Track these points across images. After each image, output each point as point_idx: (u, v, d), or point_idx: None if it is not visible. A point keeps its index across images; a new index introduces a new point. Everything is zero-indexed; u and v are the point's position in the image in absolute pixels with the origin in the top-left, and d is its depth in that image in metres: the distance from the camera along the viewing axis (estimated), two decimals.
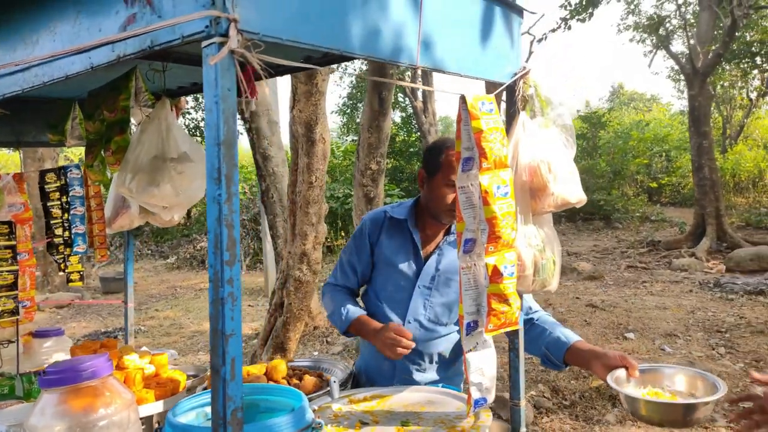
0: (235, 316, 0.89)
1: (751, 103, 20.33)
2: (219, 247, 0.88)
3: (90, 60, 1.07)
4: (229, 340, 0.88)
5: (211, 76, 0.88)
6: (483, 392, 1.52)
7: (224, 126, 0.88)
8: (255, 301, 9.46)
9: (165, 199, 1.83)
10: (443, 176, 1.94)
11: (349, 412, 1.69)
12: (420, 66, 1.31)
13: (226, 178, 0.88)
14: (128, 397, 1.40)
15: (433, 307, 2.04)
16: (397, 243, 2.06)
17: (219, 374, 0.88)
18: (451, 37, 1.44)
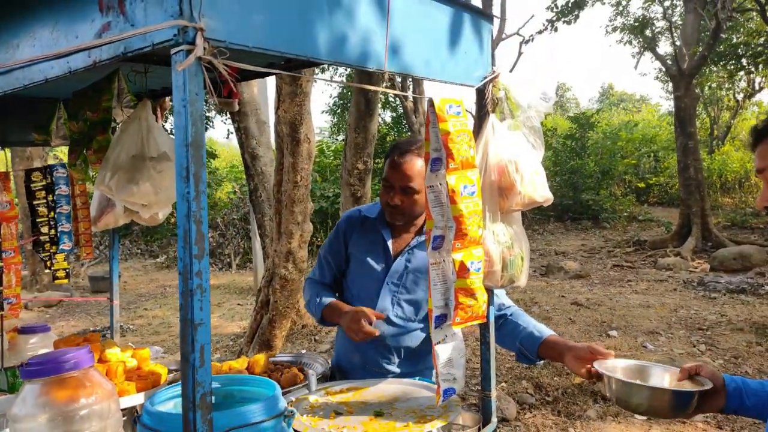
0: (203, 306, 0.95)
1: (738, 105, 20.57)
2: (188, 242, 0.94)
3: (68, 65, 1.12)
4: (198, 328, 0.94)
5: (179, 81, 0.93)
6: (451, 383, 1.58)
7: (192, 128, 0.94)
8: (244, 300, 9.49)
9: (144, 197, 1.88)
10: (384, 177, 2.07)
11: (325, 403, 1.75)
12: (388, 71, 1.37)
13: (194, 176, 0.94)
14: (109, 387, 1.45)
15: (400, 304, 2.09)
16: (368, 241, 2.14)
17: (188, 361, 0.94)
18: (419, 42, 1.50)
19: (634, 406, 1.53)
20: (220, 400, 1.49)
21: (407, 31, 1.44)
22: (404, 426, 1.53)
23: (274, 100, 3.72)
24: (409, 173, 1.99)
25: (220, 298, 9.71)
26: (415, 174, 1.99)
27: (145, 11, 0.98)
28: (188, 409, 0.95)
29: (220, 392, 1.50)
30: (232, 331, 7.61)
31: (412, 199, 2.03)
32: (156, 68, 2.08)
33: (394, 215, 2.06)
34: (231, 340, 7.18)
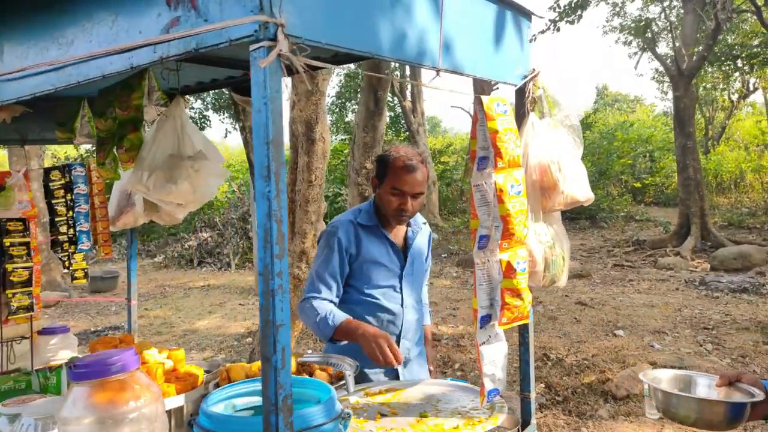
0: (284, 307, 0.93)
1: (733, 105, 20.72)
2: (269, 241, 0.92)
3: (130, 60, 1.10)
4: (279, 330, 0.92)
5: (260, 78, 0.92)
6: (496, 383, 1.57)
7: (272, 126, 0.92)
8: (246, 300, 9.45)
9: (182, 196, 1.86)
10: (388, 185, 2.14)
11: (367, 405, 1.73)
12: (441, 68, 1.36)
13: (275, 175, 0.92)
14: (156, 390, 1.43)
15: (415, 290, 2.35)
16: (376, 244, 2.24)
17: (270, 363, 0.93)
18: (467, 40, 1.49)
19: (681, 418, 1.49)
20: None
21: (458, 28, 1.43)
22: (454, 428, 1.52)
23: (290, 99, 3.69)
24: (421, 180, 2.14)
25: (222, 298, 9.67)
26: (424, 181, 2.18)
27: (220, 6, 0.96)
28: (270, 411, 0.94)
29: None
30: (236, 331, 7.58)
31: (419, 202, 2.20)
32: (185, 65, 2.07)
33: (404, 218, 2.21)
34: (235, 340, 7.14)
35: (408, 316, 2.28)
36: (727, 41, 14.48)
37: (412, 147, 2.27)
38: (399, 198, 2.12)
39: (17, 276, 1.87)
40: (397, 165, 2.11)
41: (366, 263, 2.22)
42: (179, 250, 13.70)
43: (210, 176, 1.96)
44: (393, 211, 2.16)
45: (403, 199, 2.12)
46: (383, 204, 2.19)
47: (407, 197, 2.12)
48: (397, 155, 2.14)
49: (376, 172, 2.24)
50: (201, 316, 8.56)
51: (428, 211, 14.61)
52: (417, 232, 2.35)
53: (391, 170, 2.14)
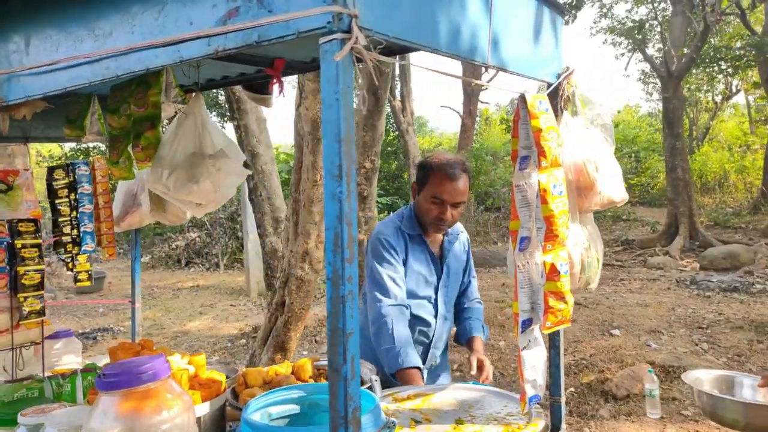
0: (354, 314, 0.88)
1: (716, 107, 21.02)
2: (339, 245, 0.87)
3: (179, 53, 1.04)
4: (349, 338, 0.87)
5: (331, 73, 0.87)
6: (537, 389, 1.53)
7: (344, 123, 0.87)
8: (237, 301, 9.34)
9: (203, 196, 1.79)
10: (428, 193, 2.11)
11: (398, 411, 1.69)
12: (490, 65, 1.32)
13: (346, 175, 0.87)
14: (187, 399, 1.37)
15: (450, 301, 2.34)
16: (417, 253, 2.23)
17: (339, 373, 0.87)
18: (511, 36, 1.45)
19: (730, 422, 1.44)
20: (306, 410, 1.42)
21: (504, 25, 1.39)
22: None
23: (296, 97, 3.63)
24: (463, 190, 2.10)
25: (212, 299, 9.54)
26: (465, 190, 2.13)
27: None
28: (338, 424, 0.88)
29: (305, 401, 1.43)
30: (229, 332, 7.48)
31: (460, 212, 2.16)
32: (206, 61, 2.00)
33: (443, 228, 2.17)
34: (229, 342, 7.05)
35: (440, 327, 2.28)
36: (712, 43, 14.66)
37: (455, 154, 2.22)
38: (439, 207, 2.08)
39: (29, 279, 1.79)
40: (439, 172, 2.06)
41: (409, 272, 2.19)
42: (166, 250, 13.52)
43: (230, 175, 1.90)
44: (432, 219, 2.12)
45: (443, 208, 2.08)
46: (422, 212, 2.14)
47: (447, 206, 2.07)
48: (439, 162, 2.08)
49: (417, 177, 2.18)
50: (192, 317, 8.44)
51: None
52: (453, 242, 2.30)
53: (432, 178, 2.08)
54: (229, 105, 6.34)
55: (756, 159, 17.98)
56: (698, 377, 1.57)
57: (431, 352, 2.28)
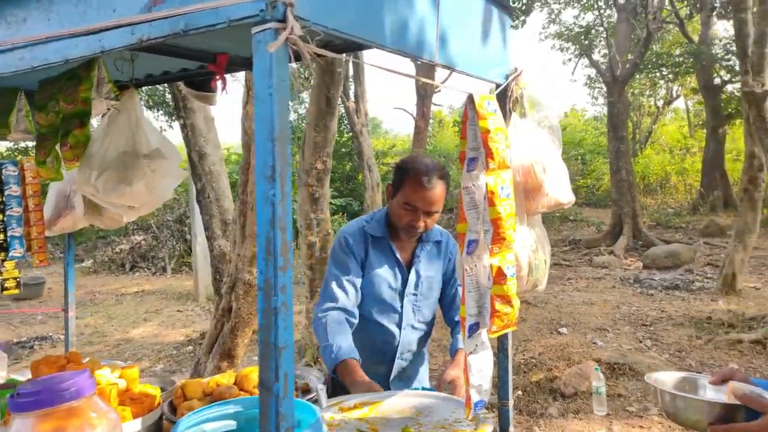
0: (288, 326, 0.82)
1: (658, 111, 21.89)
2: (272, 252, 0.80)
3: (101, 43, 0.95)
4: (282, 353, 0.81)
5: (264, 65, 0.80)
6: (482, 394, 1.51)
7: (279, 120, 0.81)
8: (184, 306, 9.06)
9: (136, 198, 1.69)
10: (401, 198, 2.03)
11: (343, 421, 1.63)
12: (438, 63, 1.28)
13: (280, 176, 0.81)
14: (114, 417, 1.27)
15: (421, 310, 2.21)
16: (380, 257, 2.14)
17: (271, 391, 0.81)
18: (459, 35, 1.42)
19: (693, 422, 1.37)
20: (243, 425, 1.34)
21: (451, 22, 1.36)
22: None
23: (243, 96, 3.51)
24: (438, 198, 2.02)
25: (158, 305, 9.22)
26: (440, 198, 2.03)
27: None
28: None
29: (242, 416, 1.35)
30: (175, 339, 7.23)
31: (434, 219, 2.09)
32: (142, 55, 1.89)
33: (414, 235, 2.09)
34: (174, 349, 6.81)
35: (407, 336, 2.18)
36: (654, 50, 15.25)
37: (434, 159, 2.11)
38: (411, 214, 2.00)
39: None
40: (414, 178, 1.97)
41: (371, 277, 2.11)
42: (110, 254, 13.00)
43: (166, 176, 1.80)
44: (404, 225, 2.04)
45: (416, 215, 2.00)
46: (394, 216, 2.07)
47: (420, 213, 2.00)
48: (416, 167, 1.99)
49: (393, 180, 2.09)
50: (136, 323, 8.13)
51: None
52: (429, 249, 2.19)
53: (406, 182, 2.00)
54: (175, 103, 6.13)
55: (695, 161, 18.82)
56: (660, 378, 1.51)
57: (397, 363, 2.19)
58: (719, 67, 14.95)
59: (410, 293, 2.16)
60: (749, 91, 6.23)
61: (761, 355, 5.37)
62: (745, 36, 6.62)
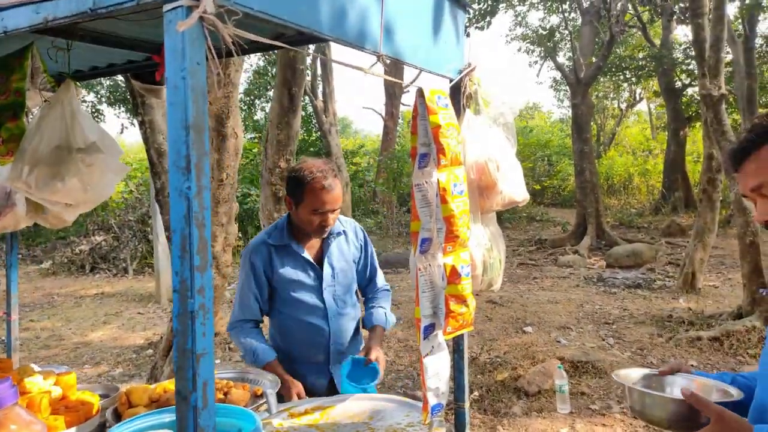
0: (207, 331, 0.75)
1: (622, 113, 22.33)
2: (188, 250, 0.74)
3: (2, 23, 0.87)
4: (200, 360, 0.74)
5: (177, 46, 0.74)
6: (440, 397, 1.46)
7: (193, 106, 0.74)
8: (145, 309, 8.81)
9: (70, 195, 1.59)
10: (308, 207, 2.10)
11: (292, 428, 1.56)
12: (383, 54, 1.23)
13: (196, 168, 0.74)
14: (39, 428, 1.18)
15: (342, 298, 2.30)
16: (290, 264, 2.23)
17: (188, 402, 0.74)
18: (408, 28, 1.37)
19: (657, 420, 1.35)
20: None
21: (398, 14, 1.31)
22: None
23: None
24: (339, 194, 2.13)
25: (118, 307, 8.96)
26: (341, 193, 2.15)
27: None
28: None
29: None
30: (135, 342, 7.02)
31: (338, 212, 2.20)
32: (80, 45, 1.79)
33: (326, 232, 2.19)
34: (134, 353, 6.61)
35: (336, 324, 2.27)
36: (617, 53, 15.55)
37: (321, 159, 2.21)
38: (320, 216, 2.10)
39: None
40: (315, 186, 2.06)
41: (284, 283, 2.21)
42: (69, 255, 12.58)
43: (106, 172, 1.70)
44: (315, 228, 2.14)
45: (324, 216, 2.10)
46: (303, 224, 2.16)
47: (327, 214, 2.10)
48: (312, 176, 2.07)
49: (290, 191, 2.15)
50: (95, 327, 7.87)
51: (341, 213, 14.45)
52: (335, 240, 2.30)
53: (308, 192, 2.08)
54: (132, 99, 5.95)
55: (657, 163, 19.27)
56: (627, 375, 1.50)
57: (332, 348, 2.28)
58: (680, 71, 15.33)
59: (328, 286, 2.25)
60: (707, 93, 6.37)
61: (719, 352, 5.49)
62: (702, 41, 6.77)
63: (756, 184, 1.24)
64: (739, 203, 6.07)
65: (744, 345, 5.53)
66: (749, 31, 12.04)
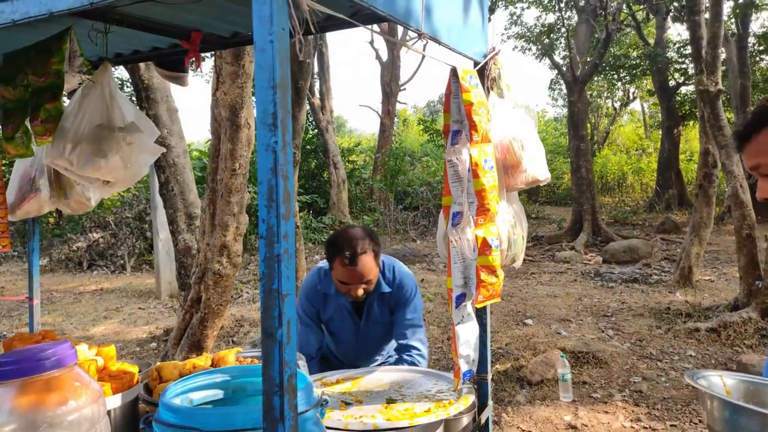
0: (290, 274, 0.82)
1: (616, 112, 22.51)
2: (274, 200, 0.80)
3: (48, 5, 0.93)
4: (285, 300, 0.81)
5: (264, 13, 0.80)
6: (470, 364, 1.53)
7: (279, 68, 0.81)
8: (146, 304, 8.83)
9: (112, 173, 1.65)
10: (335, 274, 2.18)
11: (327, 395, 1.63)
12: (424, 33, 1.29)
13: (282, 124, 0.81)
14: (96, 387, 1.24)
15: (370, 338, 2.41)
16: (334, 310, 2.35)
17: (274, 338, 0.81)
18: (444, 8, 1.44)
19: None
20: (230, 395, 1.33)
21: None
22: (426, 411, 1.46)
23: (212, 82, 3.46)
24: (366, 270, 2.12)
25: (118, 303, 8.97)
26: (370, 269, 2.13)
27: None
28: (272, 393, 0.82)
29: (230, 385, 1.34)
30: (137, 336, 7.06)
31: (371, 284, 2.20)
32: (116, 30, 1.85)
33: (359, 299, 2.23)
34: (137, 346, 6.65)
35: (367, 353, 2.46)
36: (612, 52, 15.70)
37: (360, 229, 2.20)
38: (346, 287, 2.15)
39: None
40: (339, 258, 2.10)
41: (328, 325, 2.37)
42: (66, 252, 12.56)
43: (143, 152, 1.76)
44: (343, 292, 2.20)
45: (350, 287, 2.14)
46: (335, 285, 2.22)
47: (353, 286, 2.13)
48: (341, 247, 2.10)
49: (326, 254, 2.22)
50: (96, 322, 7.89)
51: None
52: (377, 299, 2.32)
53: (335, 262, 2.13)
54: (137, 93, 5.99)
55: (650, 162, 19.45)
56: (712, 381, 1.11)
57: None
58: (674, 70, 15.50)
59: (363, 330, 2.37)
60: (704, 89, 6.48)
61: (716, 343, 5.59)
62: (699, 38, 6.89)
63: (755, 164, 1.33)
64: (736, 197, 6.18)
65: (741, 336, 5.64)
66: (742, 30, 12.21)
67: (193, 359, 2.06)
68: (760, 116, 1.32)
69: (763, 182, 1.35)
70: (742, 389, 1.12)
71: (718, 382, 1.11)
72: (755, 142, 1.33)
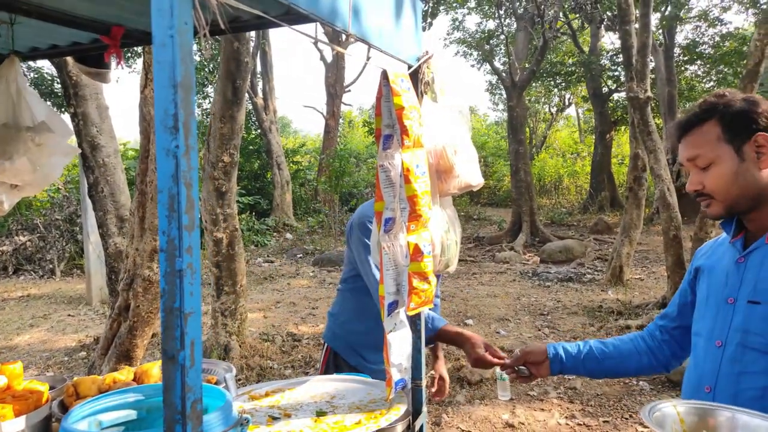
0: (194, 291, 0.76)
1: (552, 117, 23.25)
2: (176, 209, 0.74)
3: None
4: (188, 319, 0.75)
5: (164, 4, 0.74)
6: (402, 373, 1.50)
7: (181, 65, 0.74)
8: (76, 311, 8.39)
9: (18, 176, 1.52)
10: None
11: (254, 409, 1.56)
12: (351, 33, 1.25)
13: (184, 127, 0.74)
14: None
15: None
16: None
17: (176, 361, 0.75)
18: (373, 10, 1.40)
19: None
20: (145, 415, 1.24)
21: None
22: (356, 423, 1.41)
23: (140, 78, 3.28)
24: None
25: (46, 309, 8.49)
26: None
27: None
28: (175, 421, 0.75)
29: (143, 405, 1.25)
30: (66, 345, 6.69)
31: None
32: (23, 22, 1.71)
33: None
34: (66, 356, 6.30)
35: None
36: (549, 59, 16.20)
37: None
38: None
39: None
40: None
41: None
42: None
43: (54, 153, 1.64)
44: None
45: None
46: None
47: None
48: None
49: None
50: (21, 330, 7.43)
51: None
52: None
53: None
54: (65, 90, 5.68)
55: (585, 165, 20.19)
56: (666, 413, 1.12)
57: None
58: (607, 77, 16.14)
59: None
60: (634, 96, 6.76)
61: None
62: (630, 46, 7.18)
63: (693, 155, 1.39)
64: (663, 200, 6.47)
65: None
66: (669, 41, 12.85)
67: (113, 374, 1.94)
68: (706, 110, 1.38)
69: (694, 175, 1.40)
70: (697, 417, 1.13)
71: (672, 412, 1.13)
72: (697, 134, 1.39)
